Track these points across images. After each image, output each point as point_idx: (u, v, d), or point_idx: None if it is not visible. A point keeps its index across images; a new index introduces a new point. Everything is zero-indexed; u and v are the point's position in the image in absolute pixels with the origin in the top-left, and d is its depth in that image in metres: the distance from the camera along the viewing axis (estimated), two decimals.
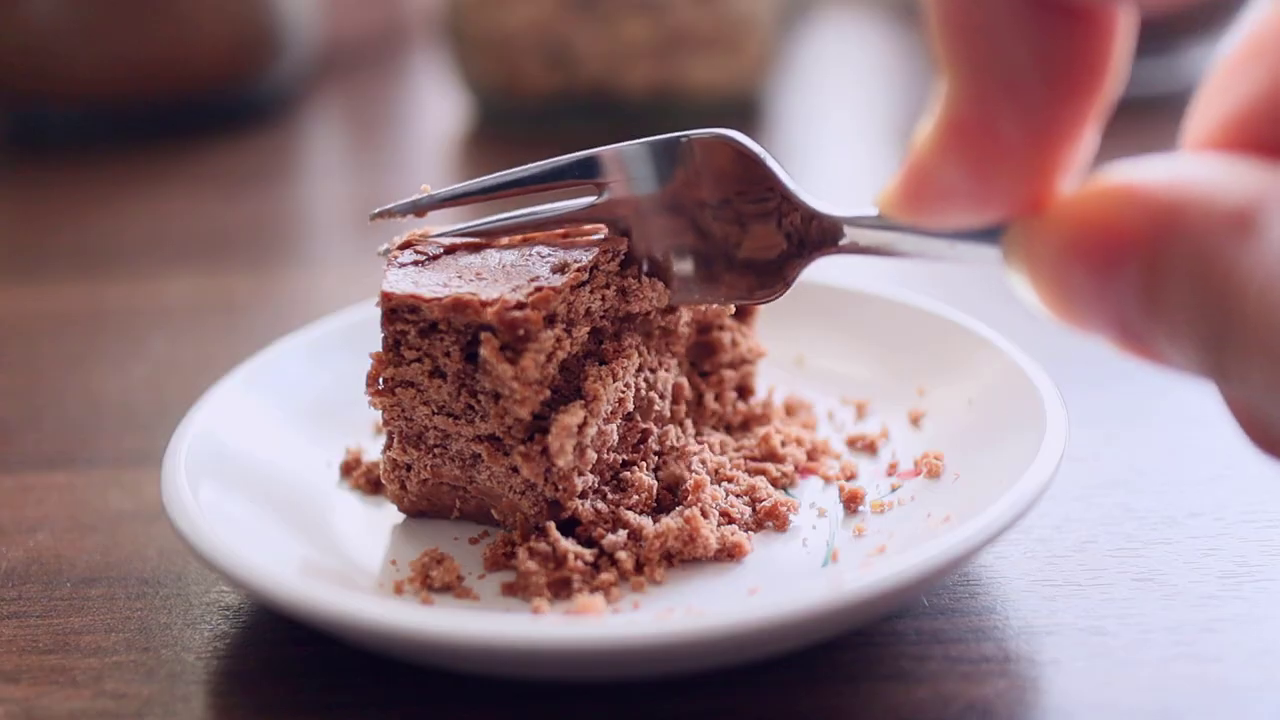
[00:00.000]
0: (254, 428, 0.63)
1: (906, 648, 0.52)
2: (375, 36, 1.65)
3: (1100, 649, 0.52)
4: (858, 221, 0.51)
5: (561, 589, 0.54)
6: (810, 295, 0.72)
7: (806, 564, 0.55)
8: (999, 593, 0.56)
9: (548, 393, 0.55)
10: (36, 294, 0.97)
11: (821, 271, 0.75)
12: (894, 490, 0.60)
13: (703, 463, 0.60)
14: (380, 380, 0.57)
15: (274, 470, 0.61)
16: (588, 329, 0.57)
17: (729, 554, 0.56)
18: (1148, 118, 1.21)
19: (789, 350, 0.71)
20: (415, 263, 0.58)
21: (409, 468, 0.58)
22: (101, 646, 0.55)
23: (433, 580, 0.54)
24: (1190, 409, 0.72)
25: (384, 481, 0.59)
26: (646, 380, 0.60)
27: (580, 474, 0.56)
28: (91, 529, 0.64)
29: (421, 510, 0.59)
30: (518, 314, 0.53)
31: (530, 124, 1.30)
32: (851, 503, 0.59)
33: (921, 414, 0.65)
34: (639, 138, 0.57)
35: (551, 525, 0.55)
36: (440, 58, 1.36)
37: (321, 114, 1.43)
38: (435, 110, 1.42)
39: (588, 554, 0.55)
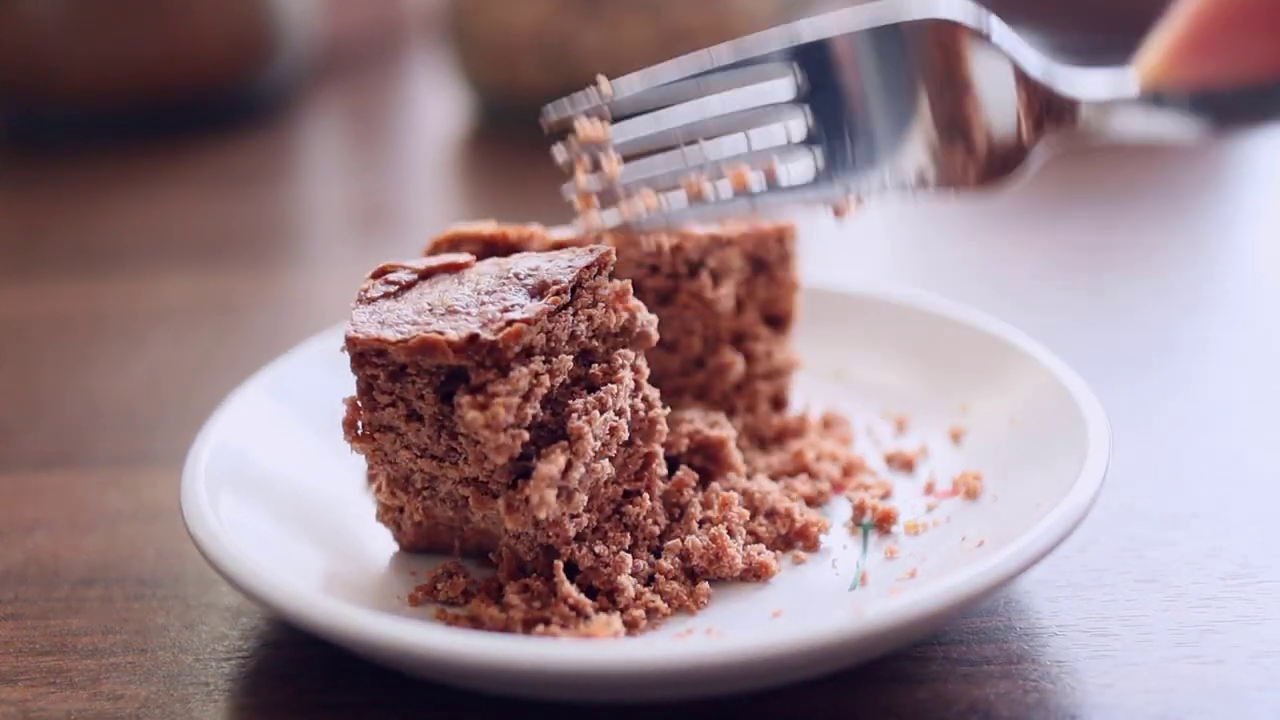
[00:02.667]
0: (275, 436, 0.62)
1: (908, 649, 0.52)
2: (375, 35, 1.64)
3: (1102, 650, 0.52)
4: (1106, 103, 0.49)
5: (538, 626, 0.52)
6: (854, 306, 0.71)
7: (834, 586, 0.54)
8: (1001, 594, 0.55)
9: (526, 434, 0.50)
10: (35, 294, 0.97)
11: (866, 281, 0.74)
12: (930, 510, 0.58)
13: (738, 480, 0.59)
14: (359, 425, 0.54)
15: (295, 477, 0.60)
16: (573, 354, 0.53)
17: (755, 574, 0.55)
18: None
19: (830, 361, 0.70)
20: (386, 295, 0.54)
21: (400, 510, 0.56)
22: (99, 648, 0.55)
23: (440, 593, 0.54)
24: (1193, 410, 0.72)
25: (380, 522, 0.57)
26: (646, 399, 0.56)
27: (573, 516, 0.53)
28: (89, 529, 0.64)
29: (422, 548, 0.57)
30: (484, 353, 0.49)
31: (530, 124, 1.29)
32: (884, 523, 0.58)
33: (963, 431, 0.63)
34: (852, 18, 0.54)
35: (559, 565, 0.53)
36: (440, 57, 1.36)
37: (321, 113, 1.42)
38: (435, 109, 1.42)
39: (588, 605, 0.52)
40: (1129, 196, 1.05)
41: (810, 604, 0.53)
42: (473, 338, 0.50)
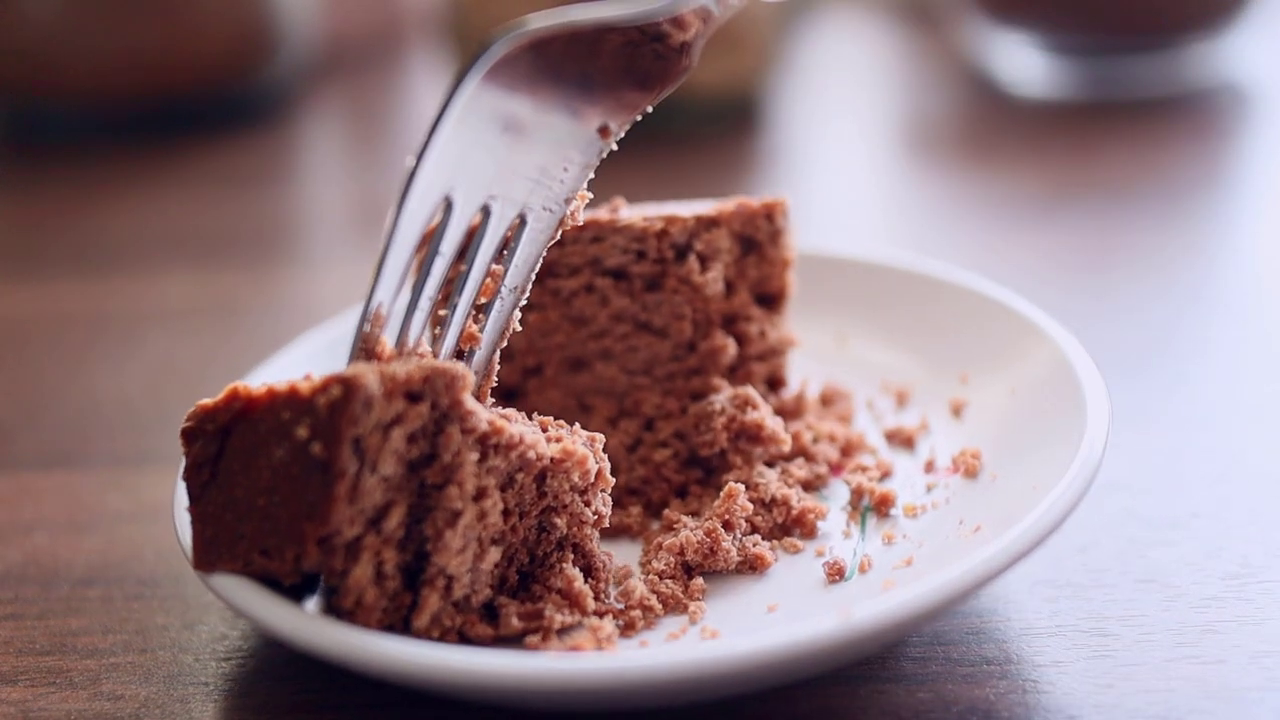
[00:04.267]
0: None
1: (908, 649, 0.52)
2: (374, 35, 1.64)
3: (1102, 650, 0.52)
4: None
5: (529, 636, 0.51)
6: (855, 274, 0.70)
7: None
8: (1000, 594, 0.55)
9: (395, 584, 0.48)
10: (32, 293, 0.97)
11: (867, 250, 0.73)
12: (929, 490, 0.58)
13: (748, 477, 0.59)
14: None
15: None
16: (397, 491, 0.48)
17: (751, 566, 0.55)
18: (1148, 117, 1.21)
19: (830, 329, 0.69)
20: None
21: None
22: (99, 648, 0.55)
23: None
24: (1193, 411, 0.72)
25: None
26: (495, 447, 0.50)
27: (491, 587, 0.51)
28: (89, 529, 0.64)
29: None
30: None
31: None
32: (882, 506, 0.57)
33: (963, 404, 0.63)
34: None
35: (565, 555, 0.53)
36: (439, 55, 1.36)
37: (321, 112, 1.42)
38: (434, 109, 1.42)
39: (588, 595, 0.52)
40: (1129, 196, 1.05)
41: (806, 597, 0.53)
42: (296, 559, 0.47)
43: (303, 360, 0.67)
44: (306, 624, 0.46)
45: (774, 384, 0.65)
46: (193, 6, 1.27)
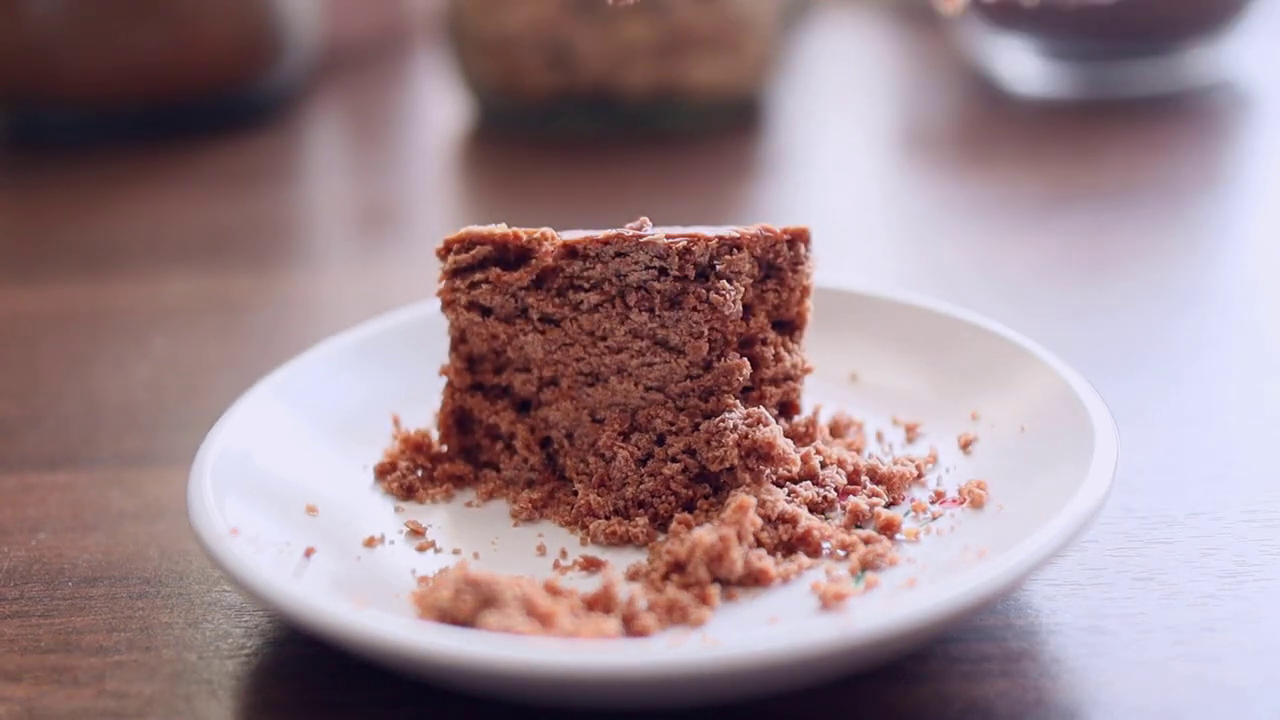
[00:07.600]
0: (282, 439, 0.62)
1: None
2: (376, 37, 1.65)
3: (1100, 648, 0.52)
4: None
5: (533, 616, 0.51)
6: (869, 309, 0.71)
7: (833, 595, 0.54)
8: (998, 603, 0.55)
9: None
10: (36, 294, 0.97)
11: (884, 284, 0.74)
12: (935, 519, 0.58)
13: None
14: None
15: (301, 480, 0.60)
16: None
17: (754, 580, 0.55)
18: (1148, 117, 1.21)
19: (843, 365, 0.70)
20: None
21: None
22: (103, 646, 0.55)
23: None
24: (1190, 408, 0.72)
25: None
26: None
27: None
28: (93, 528, 0.64)
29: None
30: None
31: (530, 124, 1.30)
32: (887, 530, 0.57)
33: (972, 439, 0.63)
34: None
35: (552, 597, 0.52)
36: (440, 58, 1.36)
37: (322, 114, 1.43)
38: (435, 110, 1.42)
39: (584, 626, 0.51)
40: (1126, 197, 1.05)
41: (807, 612, 0.53)
42: None
43: (323, 361, 0.67)
44: (310, 602, 0.47)
45: (786, 409, 0.65)
46: (196, 10, 1.27)
